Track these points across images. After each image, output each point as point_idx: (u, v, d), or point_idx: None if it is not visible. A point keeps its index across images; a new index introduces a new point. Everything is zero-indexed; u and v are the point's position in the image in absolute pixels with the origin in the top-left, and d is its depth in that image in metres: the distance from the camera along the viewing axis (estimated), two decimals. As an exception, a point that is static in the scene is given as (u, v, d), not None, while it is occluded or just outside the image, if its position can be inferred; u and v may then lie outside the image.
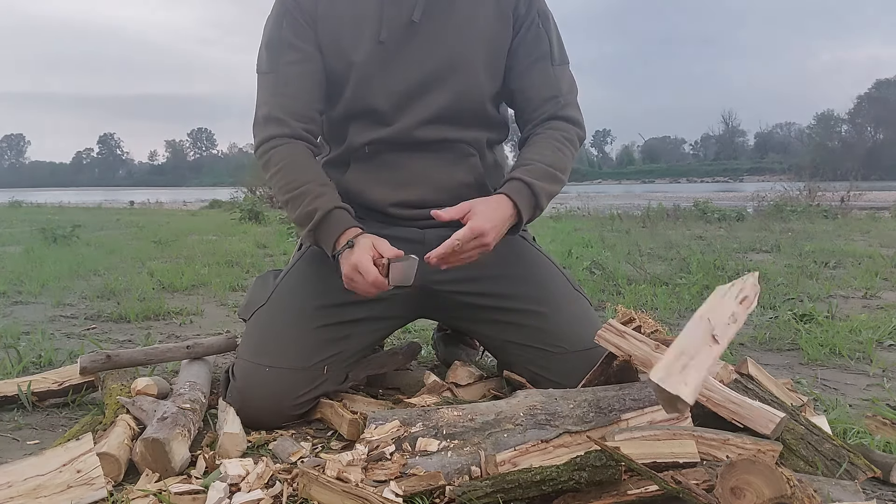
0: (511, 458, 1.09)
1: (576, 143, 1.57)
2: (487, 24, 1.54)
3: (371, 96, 1.52)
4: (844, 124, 64.78)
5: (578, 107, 1.61)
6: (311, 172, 1.48)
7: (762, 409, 1.20)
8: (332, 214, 1.42)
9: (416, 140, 1.53)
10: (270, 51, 1.53)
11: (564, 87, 1.58)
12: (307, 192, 1.44)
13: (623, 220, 8.70)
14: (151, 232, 7.63)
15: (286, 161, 1.47)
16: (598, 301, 2.99)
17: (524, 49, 1.57)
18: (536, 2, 1.58)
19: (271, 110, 1.50)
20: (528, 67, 1.57)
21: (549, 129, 1.55)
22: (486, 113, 1.59)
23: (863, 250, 4.83)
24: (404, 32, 1.50)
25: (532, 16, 1.57)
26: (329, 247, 1.42)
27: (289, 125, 1.49)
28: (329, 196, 1.45)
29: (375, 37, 1.50)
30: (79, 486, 1.07)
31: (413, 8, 1.49)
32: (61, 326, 2.61)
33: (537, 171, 1.46)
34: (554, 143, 1.52)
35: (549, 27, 1.58)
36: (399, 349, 1.77)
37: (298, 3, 1.52)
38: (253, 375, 1.42)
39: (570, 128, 1.56)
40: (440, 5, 1.51)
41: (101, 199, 25.31)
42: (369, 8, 1.51)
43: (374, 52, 1.50)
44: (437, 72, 1.52)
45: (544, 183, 1.46)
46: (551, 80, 1.57)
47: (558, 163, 1.50)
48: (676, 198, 14.86)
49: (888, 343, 2.23)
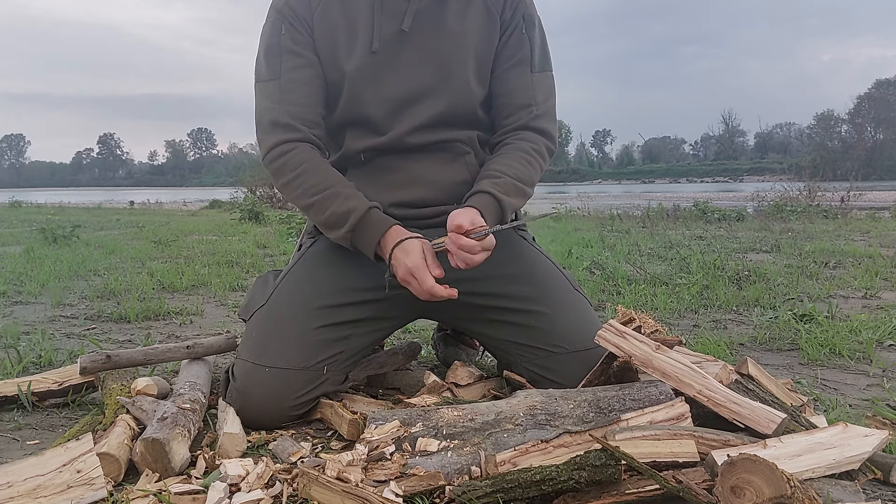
0: (511, 458, 1.09)
1: (545, 156, 1.58)
2: (476, 30, 1.55)
3: (364, 105, 1.54)
4: (844, 124, 64.81)
5: (553, 117, 1.62)
6: (333, 175, 1.49)
7: (763, 409, 1.20)
8: (370, 214, 1.43)
9: (410, 145, 1.55)
10: (270, 58, 1.52)
11: (540, 95, 1.59)
12: (336, 193, 1.45)
13: (623, 220, 8.70)
14: (151, 232, 7.63)
15: (305, 165, 1.47)
16: (598, 301, 2.99)
17: (505, 53, 1.58)
18: (523, 7, 1.58)
19: (278, 116, 1.49)
20: (507, 71, 1.58)
21: (520, 139, 1.56)
22: (476, 116, 1.60)
23: (863, 250, 4.83)
24: (395, 41, 1.51)
25: (517, 20, 1.58)
26: (370, 247, 1.43)
27: (298, 130, 1.49)
28: (359, 197, 1.45)
29: (367, 46, 1.51)
30: (79, 486, 1.07)
31: (403, 17, 1.50)
32: (61, 326, 2.61)
33: (506, 185, 1.47)
34: (523, 155, 1.53)
35: (532, 33, 1.59)
36: (399, 349, 1.77)
37: (294, 11, 1.52)
38: (253, 375, 1.42)
39: (540, 140, 1.57)
40: (430, 13, 1.52)
41: (101, 200, 25.34)
42: (361, 17, 1.52)
43: (366, 61, 1.51)
44: (430, 80, 1.53)
45: (511, 198, 1.48)
46: (528, 87, 1.58)
47: (526, 176, 1.52)
48: (676, 198, 14.87)
49: (888, 343, 2.23)
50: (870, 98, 65.29)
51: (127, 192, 41.37)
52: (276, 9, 1.54)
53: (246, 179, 17.05)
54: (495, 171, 1.50)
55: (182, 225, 9.20)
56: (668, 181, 70.31)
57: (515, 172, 1.50)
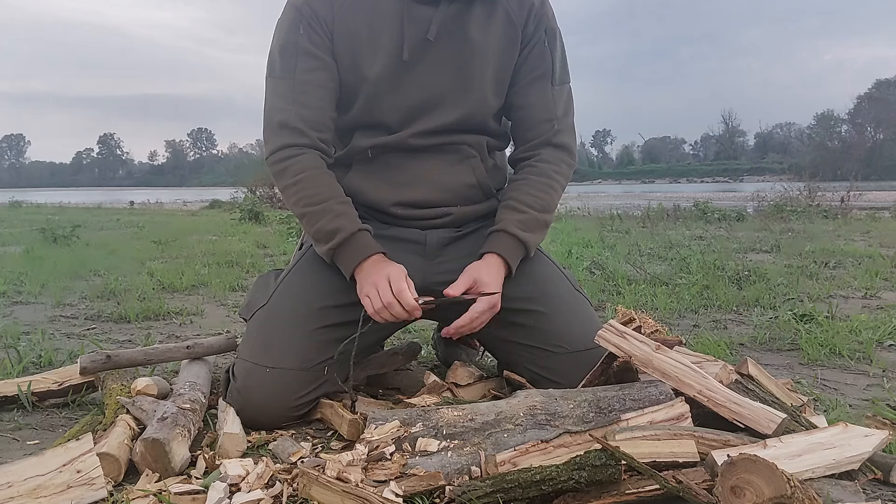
0: (511, 458, 1.09)
1: (567, 175, 1.60)
2: (498, 42, 1.55)
3: (380, 111, 1.54)
4: (844, 124, 64.76)
5: (573, 130, 1.63)
6: (330, 188, 1.49)
7: (763, 409, 1.20)
8: (356, 237, 1.44)
9: (417, 146, 1.55)
10: (285, 56, 1.51)
11: (560, 110, 1.60)
12: (327, 209, 1.46)
13: (623, 220, 8.70)
14: (151, 232, 7.63)
15: (306, 174, 1.48)
16: (598, 301, 2.99)
17: (526, 66, 1.58)
18: (545, 20, 1.58)
19: (288, 118, 1.49)
20: (528, 85, 1.59)
21: (542, 161, 1.57)
22: (488, 125, 1.61)
23: (863, 250, 4.83)
24: (419, 50, 1.50)
25: (539, 34, 1.57)
26: (349, 268, 1.45)
27: (306, 135, 1.49)
28: (349, 216, 1.47)
29: (394, 53, 1.50)
30: (79, 486, 1.07)
31: (428, 26, 1.49)
32: (61, 326, 2.61)
33: (529, 221, 1.51)
34: (546, 181, 1.55)
35: (554, 46, 1.59)
36: (399, 349, 1.77)
37: (315, 12, 1.50)
38: (253, 376, 1.42)
39: (561, 160, 1.59)
40: (454, 24, 1.51)
41: (101, 200, 25.33)
42: (386, 24, 1.50)
43: (389, 68, 1.50)
44: (447, 90, 1.53)
45: (535, 234, 1.52)
46: (549, 101, 1.58)
47: (549, 205, 1.55)
48: (676, 198, 14.85)
49: (888, 343, 2.23)
50: (870, 98, 65.23)
51: (127, 192, 41.37)
52: (296, 7, 1.51)
53: (246, 179, 17.04)
54: (518, 205, 1.52)
55: (182, 225, 9.20)
56: (668, 181, 70.28)
57: (539, 203, 1.53)
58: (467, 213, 1.60)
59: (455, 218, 1.59)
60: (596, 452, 0.99)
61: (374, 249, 1.44)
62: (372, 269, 1.42)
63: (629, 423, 1.17)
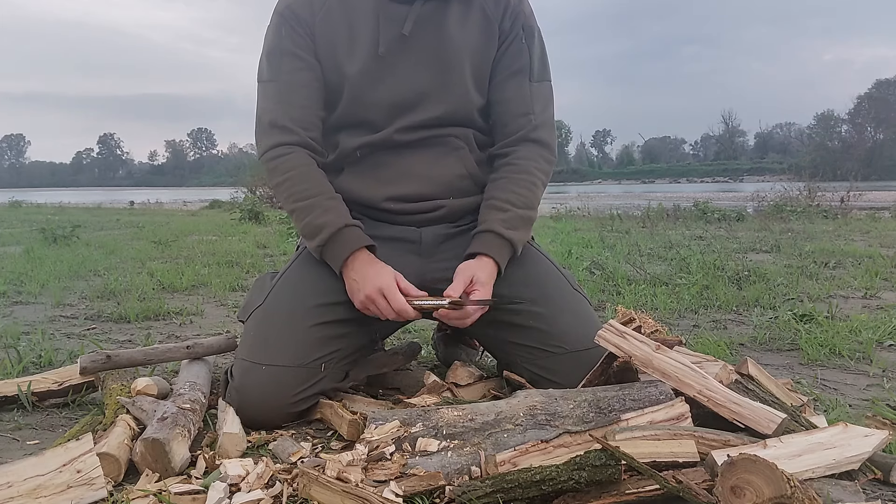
0: (511, 458, 1.09)
1: (546, 171, 1.61)
2: (475, 39, 1.57)
3: (364, 109, 1.56)
4: (844, 124, 64.74)
5: (552, 126, 1.64)
6: (319, 184, 1.51)
7: (763, 409, 1.20)
8: (343, 233, 1.46)
9: (403, 141, 1.56)
10: (271, 60, 1.56)
11: (538, 105, 1.60)
12: (315, 205, 1.48)
13: (623, 220, 8.70)
14: (151, 232, 7.63)
15: (295, 171, 1.51)
16: (598, 301, 2.99)
17: (504, 62, 1.60)
18: (522, 17, 1.60)
19: (277, 118, 1.53)
20: (505, 80, 1.60)
21: (521, 157, 1.58)
22: (473, 119, 1.62)
23: (863, 250, 4.83)
24: (396, 46, 1.53)
25: (516, 31, 1.59)
26: (338, 264, 1.46)
27: (295, 133, 1.53)
28: (337, 211, 1.48)
29: (371, 50, 1.53)
30: (79, 487, 1.07)
31: (404, 22, 1.51)
32: (61, 326, 2.61)
33: (513, 219, 1.51)
34: (526, 177, 1.56)
35: (532, 43, 1.60)
36: (399, 349, 1.77)
37: (296, 14, 1.54)
38: (250, 374, 1.42)
39: (539, 155, 1.59)
40: (430, 19, 1.54)
41: (101, 200, 25.33)
42: (363, 21, 1.53)
43: (367, 64, 1.53)
44: (428, 85, 1.55)
45: (520, 232, 1.52)
46: (526, 96, 1.59)
47: (531, 201, 1.56)
48: (676, 198, 14.86)
49: (888, 343, 2.23)
50: (870, 98, 65.23)
51: (127, 192, 41.38)
52: (279, 12, 1.56)
53: (246, 179, 17.04)
54: (501, 203, 1.52)
55: (182, 225, 9.20)
56: (668, 181, 70.31)
57: (522, 200, 1.53)
58: (461, 205, 1.60)
59: (449, 211, 1.59)
60: (596, 452, 0.99)
61: (361, 243, 1.46)
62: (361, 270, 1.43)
63: (629, 423, 1.17)
